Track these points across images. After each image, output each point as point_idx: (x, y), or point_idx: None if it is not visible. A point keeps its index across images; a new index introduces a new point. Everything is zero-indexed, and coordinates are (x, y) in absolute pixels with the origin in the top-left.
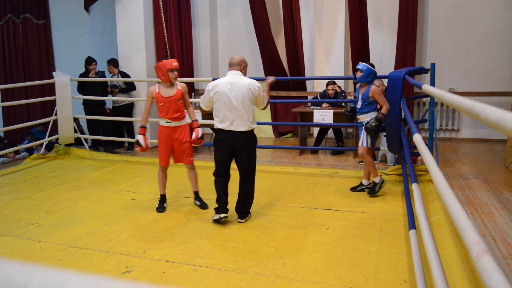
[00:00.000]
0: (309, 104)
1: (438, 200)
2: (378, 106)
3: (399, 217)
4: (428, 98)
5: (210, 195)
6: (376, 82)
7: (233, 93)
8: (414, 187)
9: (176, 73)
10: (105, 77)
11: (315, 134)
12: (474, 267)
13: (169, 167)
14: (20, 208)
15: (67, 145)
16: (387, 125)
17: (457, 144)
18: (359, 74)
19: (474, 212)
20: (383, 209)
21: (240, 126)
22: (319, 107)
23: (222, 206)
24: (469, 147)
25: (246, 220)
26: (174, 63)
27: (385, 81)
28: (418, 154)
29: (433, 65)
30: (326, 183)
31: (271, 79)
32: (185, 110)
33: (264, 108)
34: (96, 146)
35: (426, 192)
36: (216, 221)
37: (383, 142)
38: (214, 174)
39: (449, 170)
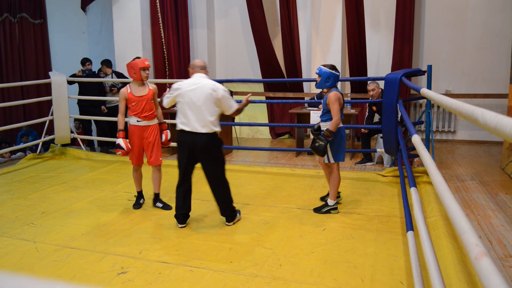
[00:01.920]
0: (305, 105)
1: (434, 202)
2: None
3: (395, 219)
4: (425, 100)
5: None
6: (372, 84)
7: (196, 94)
8: (413, 191)
9: (148, 72)
10: (94, 76)
11: (312, 136)
12: (471, 269)
13: (166, 168)
14: (16, 208)
15: (63, 145)
16: (384, 126)
17: (453, 145)
18: (318, 79)
19: (470, 214)
20: (379, 211)
21: (200, 127)
22: (315, 108)
23: (179, 216)
24: (465, 149)
25: (234, 223)
26: (146, 62)
27: (382, 83)
28: (414, 156)
29: (429, 67)
30: (323, 184)
31: (249, 97)
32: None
33: (233, 115)
34: (91, 146)
35: (423, 193)
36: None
37: (379, 144)
38: (179, 174)
39: (446, 172)
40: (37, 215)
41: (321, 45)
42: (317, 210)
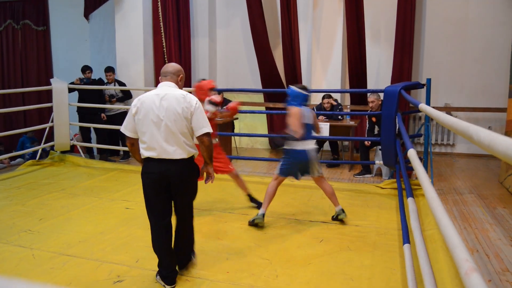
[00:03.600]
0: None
1: (432, 215)
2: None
3: (393, 231)
4: (424, 113)
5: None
6: (372, 96)
7: (163, 108)
8: (410, 201)
9: (214, 92)
10: (93, 84)
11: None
12: None
13: None
14: (13, 214)
15: (62, 152)
16: (383, 139)
17: (452, 159)
18: (288, 98)
19: (468, 227)
20: (377, 223)
21: (174, 152)
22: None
23: (169, 275)
24: (464, 162)
25: (187, 268)
26: (213, 83)
27: (381, 95)
28: (412, 168)
29: (429, 80)
30: (321, 195)
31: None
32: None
33: (203, 143)
34: (90, 153)
35: (421, 206)
36: None
37: (378, 156)
38: (150, 221)
39: (444, 185)
40: (34, 221)
41: (322, 57)
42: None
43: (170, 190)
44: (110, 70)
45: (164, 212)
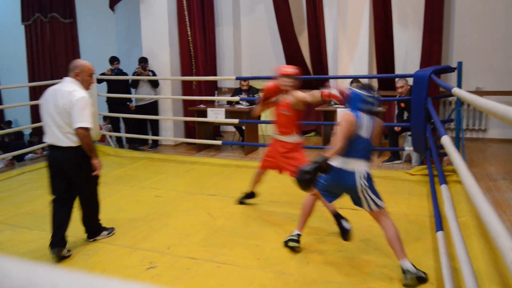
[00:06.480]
0: (332, 102)
1: (464, 202)
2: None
3: (424, 218)
4: (455, 97)
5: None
6: (400, 81)
7: (54, 102)
8: (443, 188)
9: (286, 80)
10: (123, 74)
11: None
12: (504, 271)
13: (193, 165)
14: (48, 203)
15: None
16: (412, 124)
17: (484, 144)
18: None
19: (502, 215)
20: (407, 210)
21: (61, 141)
22: (342, 106)
23: (55, 242)
24: (497, 148)
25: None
26: (286, 69)
27: (410, 80)
28: (444, 154)
29: (460, 64)
30: None
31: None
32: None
33: (80, 138)
34: (120, 143)
35: (452, 193)
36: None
37: (408, 142)
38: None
39: (476, 171)
40: None
41: (348, 42)
42: None
43: (63, 173)
44: (144, 60)
45: (57, 187)
